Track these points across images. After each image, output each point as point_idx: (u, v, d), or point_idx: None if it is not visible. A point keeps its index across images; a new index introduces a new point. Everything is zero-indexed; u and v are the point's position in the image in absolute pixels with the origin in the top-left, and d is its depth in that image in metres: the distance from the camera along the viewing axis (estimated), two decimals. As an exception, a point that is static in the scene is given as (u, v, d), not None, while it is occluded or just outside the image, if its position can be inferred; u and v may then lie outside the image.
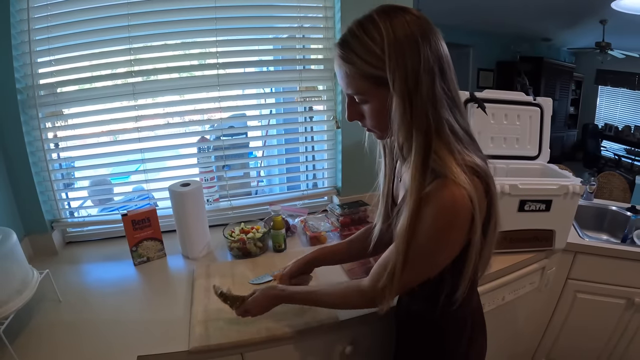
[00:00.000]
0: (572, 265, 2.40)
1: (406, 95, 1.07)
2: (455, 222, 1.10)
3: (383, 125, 1.19)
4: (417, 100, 1.07)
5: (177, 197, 2.06)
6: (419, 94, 1.07)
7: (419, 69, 1.06)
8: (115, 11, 2.09)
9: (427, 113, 1.08)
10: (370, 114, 1.19)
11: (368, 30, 1.09)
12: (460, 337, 1.42)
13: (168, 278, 2.03)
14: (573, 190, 1.99)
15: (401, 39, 1.06)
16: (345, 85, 1.18)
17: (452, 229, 1.11)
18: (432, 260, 1.19)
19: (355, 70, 1.12)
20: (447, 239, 1.13)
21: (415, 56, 1.06)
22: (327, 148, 2.67)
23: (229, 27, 2.27)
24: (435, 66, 1.09)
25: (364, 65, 1.09)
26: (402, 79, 1.06)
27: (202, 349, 1.48)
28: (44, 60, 2.09)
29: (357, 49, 1.10)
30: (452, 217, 1.09)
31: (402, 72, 1.06)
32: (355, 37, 1.11)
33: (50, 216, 2.28)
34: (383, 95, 1.11)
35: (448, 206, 1.08)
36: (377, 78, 1.09)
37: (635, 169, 7.68)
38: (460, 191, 1.07)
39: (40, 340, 1.58)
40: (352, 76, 1.14)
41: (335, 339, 1.68)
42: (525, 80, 7.76)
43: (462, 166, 1.10)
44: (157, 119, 2.32)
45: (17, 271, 1.56)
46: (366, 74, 1.11)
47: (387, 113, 1.13)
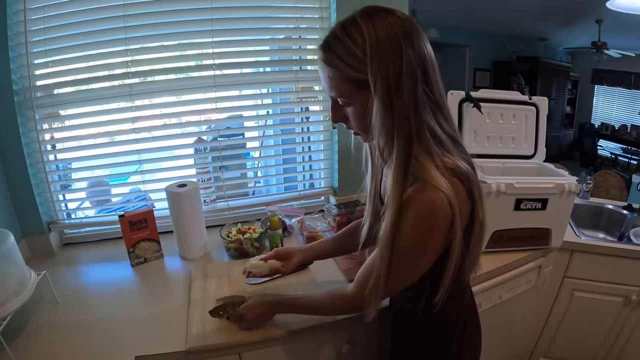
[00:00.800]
0: (568, 263, 2.40)
1: (387, 99, 1.07)
2: (433, 226, 1.10)
3: (367, 128, 1.18)
4: (398, 103, 1.07)
5: (174, 198, 2.06)
6: (400, 97, 1.07)
7: (401, 72, 1.06)
8: (111, 12, 2.09)
9: (409, 116, 1.08)
10: (354, 117, 1.19)
11: (350, 33, 1.08)
12: (450, 336, 1.42)
13: (165, 279, 2.04)
14: (569, 189, 2.00)
15: (383, 41, 1.05)
16: (329, 88, 1.18)
17: (431, 234, 1.11)
18: (413, 265, 1.19)
19: (337, 74, 1.12)
20: (426, 243, 1.14)
21: (397, 59, 1.05)
22: (324, 148, 2.68)
23: (225, 27, 2.27)
24: (417, 69, 1.08)
25: (347, 69, 1.09)
26: (384, 82, 1.06)
27: (200, 348, 1.48)
28: (41, 62, 2.08)
29: (339, 52, 1.10)
30: (430, 221, 1.09)
31: (383, 75, 1.05)
32: (337, 39, 1.11)
33: (48, 218, 2.27)
34: (366, 98, 1.11)
35: (426, 210, 1.08)
36: (360, 81, 1.09)
37: (631, 168, 7.70)
38: (439, 195, 1.06)
39: (37, 341, 1.58)
40: (334, 79, 1.13)
41: (332, 338, 1.69)
42: (520, 80, 7.77)
43: (441, 169, 1.10)
44: (154, 119, 2.32)
45: (14, 272, 1.56)
46: (348, 77, 1.10)
47: (369, 116, 1.13)
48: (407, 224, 1.11)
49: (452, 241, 1.13)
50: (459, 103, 2.22)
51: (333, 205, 2.45)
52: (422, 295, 1.30)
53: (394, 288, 1.25)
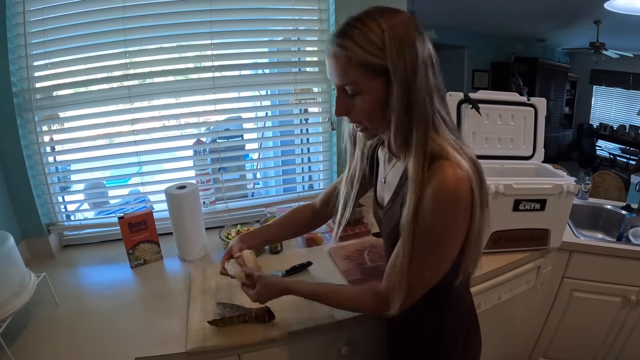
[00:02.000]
0: (567, 264, 2.40)
1: (406, 85, 1.08)
2: (459, 201, 1.10)
3: (375, 121, 1.20)
4: (416, 89, 1.09)
5: (173, 200, 2.06)
6: (417, 83, 1.09)
7: (417, 61, 1.08)
8: (111, 14, 2.09)
9: (425, 103, 1.11)
10: (362, 107, 1.18)
11: (367, 24, 1.10)
12: (455, 341, 1.43)
13: (165, 280, 2.04)
14: (567, 190, 2.00)
15: (400, 32, 1.08)
16: (338, 76, 1.17)
17: (457, 209, 1.11)
18: (444, 247, 1.17)
19: (353, 58, 1.11)
20: (455, 220, 1.13)
21: (412, 49, 1.08)
22: (323, 150, 2.68)
23: (224, 29, 2.28)
24: (428, 59, 1.12)
25: (363, 53, 1.09)
26: (403, 68, 1.07)
27: (200, 350, 1.49)
28: (40, 64, 2.09)
29: (356, 39, 1.10)
30: (455, 194, 1.09)
31: (402, 62, 1.07)
32: (354, 27, 1.11)
33: (47, 219, 2.28)
34: (376, 87, 1.13)
35: (451, 185, 1.08)
36: (375, 68, 1.10)
37: (630, 168, 7.71)
38: (461, 171, 1.09)
39: (37, 343, 1.58)
40: (348, 65, 1.12)
41: (331, 339, 1.68)
42: (519, 81, 7.79)
43: (459, 151, 1.13)
44: (153, 121, 2.32)
45: (14, 274, 1.56)
46: (364, 62, 1.10)
47: (379, 107, 1.15)
48: (431, 203, 1.10)
49: (471, 222, 1.14)
50: (458, 104, 2.23)
51: (332, 206, 2.45)
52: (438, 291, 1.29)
53: (430, 278, 1.22)
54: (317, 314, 1.63)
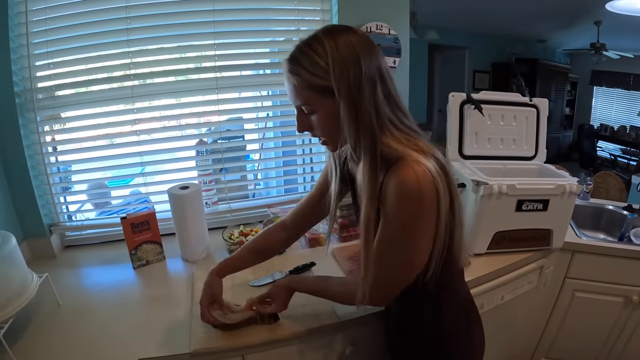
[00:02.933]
0: (570, 264, 2.40)
1: (351, 101, 1.15)
2: (421, 197, 1.13)
3: (332, 135, 1.28)
4: (361, 105, 1.16)
5: (176, 200, 2.06)
6: (362, 99, 1.15)
7: (361, 78, 1.15)
8: (113, 14, 2.09)
9: (371, 115, 1.17)
10: (319, 124, 1.26)
11: (313, 47, 1.17)
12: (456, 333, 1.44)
13: (168, 281, 2.04)
14: (570, 190, 2.00)
15: (343, 52, 1.14)
16: (294, 97, 1.25)
17: (421, 205, 1.14)
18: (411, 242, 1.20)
19: (302, 82, 1.19)
20: (418, 217, 1.16)
21: (356, 68, 1.14)
22: (325, 151, 2.66)
23: (227, 30, 2.28)
24: (375, 76, 1.18)
25: (311, 77, 1.17)
26: (346, 87, 1.14)
27: (204, 351, 1.48)
28: (42, 64, 2.09)
29: (304, 63, 1.17)
30: (418, 193, 1.12)
31: (345, 81, 1.14)
32: (302, 52, 1.19)
33: (49, 220, 2.27)
34: (329, 105, 1.19)
35: (411, 183, 1.12)
36: (323, 88, 1.17)
37: (630, 169, 7.71)
38: (420, 167, 1.12)
39: (39, 344, 1.57)
40: (299, 87, 1.20)
41: (335, 340, 1.68)
42: (521, 82, 7.79)
43: (415, 149, 1.18)
44: (155, 122, 2.32)
45: (16, 275, 1.56)
46: (312, 84, 1.17)
47: (334, 122, 1.21)
48: (394, 201, 1.15)
49: (439, 214, 1.17)
50: (460, 105, 2.23)
51: (335, 207, 2.45)
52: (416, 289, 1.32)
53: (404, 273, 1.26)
54: (320, 314, 1.63)
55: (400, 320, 1.50)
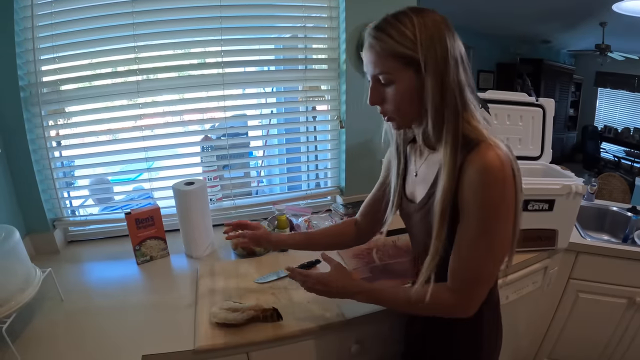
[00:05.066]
0: (574, 265, 2.40)
1: (438, 75, 1.14)
2: (506, 180, 1.11)
3: (403, 110, 1.24)
4: (447, 80, 1.14)
5: (181, 196, 2.06)
6: (448, 74, 1.14)
7: (447, 55, 1.14)
8: (120, 9, 2.09)
9: (455, 92, 1.16)
10: (394, 96, 1.22)
11: (401, 19, 1.16)
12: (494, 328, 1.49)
13: (172, 277, 2.04)
14: (576, 190, 1.99)
15: (431, 28, 1.14)
16: (373, 65, 1.22)
17: (505, 188, 1.12)
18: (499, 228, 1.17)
19: (386, 49, 1.17)
20: (504, 201, 1.14)
21: (443, 44, 1.14)
22: (331, 148, 2.68)
23: (234, 25, 2.27)
24: (458, 56, 1.17)
25: (396, 45, 1.15)
26: (434, 60, 1.13)
27: (208, 348, 1.48)
28: (48, 58, 2.08)
29: (390, 32, 1.16)
30: (502, 175, 1.11)
31: (433, 55, 1.13)
32: (389, 23, 1.18)
33: (52, 215, 2.27)
34: (408, 78, 1.17)
35: (496, 166, 1.10)
36: (407, 58, 1.15)
37: (634, 171, 7.70)
38: (502, 152, 1.12)
39: (42, 339, 1.57)
40: (382, 55, 1.18)
41: (341, 338, 1.68)
42: (527, 82, 7.78)
43: (494, 136, 1.18)
44: (161, 117, 2.31)
45: (19, 269, 1.55)
46: (397, 52, 1.16)
47: (409, 96, 1.20)
48: (479, 185, 1.12)
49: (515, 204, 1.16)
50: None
51: (340, 205, 2.46)
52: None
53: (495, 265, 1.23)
54: (326, 312, 1.62)
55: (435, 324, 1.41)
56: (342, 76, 2.48)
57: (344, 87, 2.46)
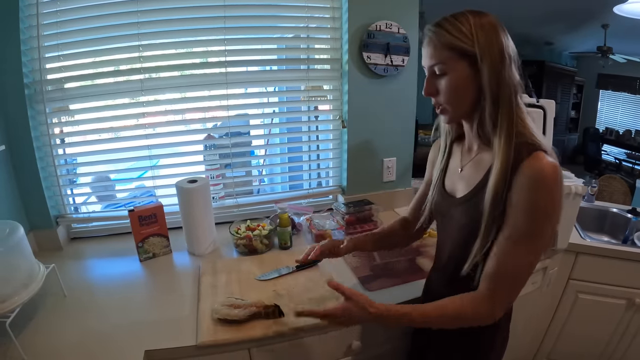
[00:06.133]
0: (573, 265, 2.41)
1: (494, 69, 1.17)
2: (557, 188, 1.13)
3: (456, 102, 1.27)
4: (503, 75, 1.18)
5: (184, 194, 2.07)
6: (504, 70, 1.18)
7: (503, 52, 1.18)
8: (124, 8, 2.10)
9: (510, 88, 1.19)
10: (447, 87, 1.24)
11: (459, 18, 1.21)
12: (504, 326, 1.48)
13: (174, 274, 2.04)
14: (575, 191, 2.00)
15: (487, 27, 1.18)
16: (429, 57, 1.26)
17: (556, 195, 1.13)
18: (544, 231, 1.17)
19: (443, 41, 1.21)
20: (554, 207, 1.15)
21: (498, 41, 1.18)
22: (333, 147, 2.69)
23: (237, 25, 2.28)
24: (512, 54, 1.21)
25: (452, 38, 1.19)
26: (490, 55, 1.17)
27: (210, 343, 1.49)
28: (52, 56, 2.09)
29: (447, 27, 1.20)
30: (555, 183, 1.12)
31: (489, 50, 1.17)
32: (447, 20, 1.22)
33: (56, 212, 2.28)
34: (463, 69, 1.21)
35: (551, 174, 1.11)
36: (463, 51, 1.19)
37: (635, 173, 7.68)
38: (555, 162, 1.13)
39: (45, 334, 1.58)
40: (439, 46, 1.22)
41: (342, 334, 1.69)
42: (528, 83, 7.78)
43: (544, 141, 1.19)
44: (164, 116, 2.32)
45: (23, 265, 1.56)
46: (453, 45, 1.19)
47: (463, 88, 1.23)
48: (533, 190, 1.13)
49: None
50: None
51: (342, 204, 2.46)
52: None
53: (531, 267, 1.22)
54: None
55: None
56: (344, 76, 2.49)
57: (347, 87, 2.48)
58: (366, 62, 2.41)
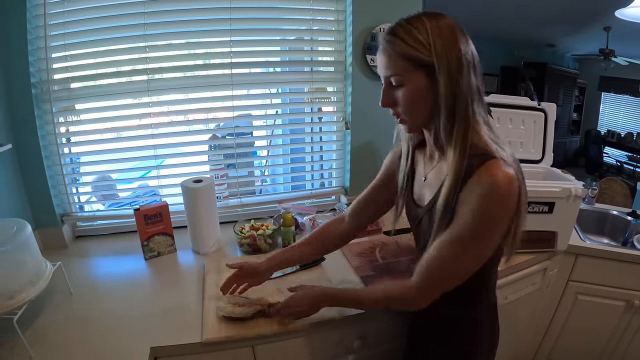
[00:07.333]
0: (573, 267, 2.42)
1: (452, 79, 1.14)
2: (508, 201, 1.13)
3: (414, 113, 1.24)
4: (460, 85, 1.15)
5: (189, 193, 2.09)
6: (461, 79, 1.15)
7: (460, 58, 1.15)
8: (131, 9, 2.12)
9: (467, 98, 1.16)
10: (404, 99, 1.22)
11: (414, 23, 1.16)
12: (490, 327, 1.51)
13: (179, 272, 2.07)
14: (575, 193, 2.01)
15: (445, 33, 1.15)
16: (385, 67, 1.22)
17: (504, 209, 1.14)
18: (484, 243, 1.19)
19: (398, 51, 1.17)
20: (499, 220, 1.15)
21: (457, 49, 1.15)
22: (336, 148, 2.71)
23: (243, 27, 2.30)
24: (471, 62, 1.18)
25: (407, 48, 1.16)
26: (447, 64, 1.14)
27: (215, 340, 1.51)
28: (59, 56, 2.11)
29: (402, 35, 1.16)
30: (506, 196, 1.12)
31: (446, 59, 1.14)
32: (402, 27, 1.18)
33: (61, 210, 2.30)
34: (419, 80, 1.18)
35: (504, 187, 1.11)
36: (419, 61, 1.15)
37: (636, 176, 7.70)
38: (511, 172, 1.13)
39: (52, 331, 1.60)
40: (394, 56, 1.19)
41: (344, 333, 1.70)
42: (530, 86, 7.78)
43: (503, 150, 1.19)
44: (170, 116, 2.34)
45: (30, 262, 1.58)
46: (408, 55, 1.16)
47: (420, 99, 1.20)
48: (481, 201, 1.13)
49: (515, 219, 1.18)
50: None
51: (344, 204, 2.48)
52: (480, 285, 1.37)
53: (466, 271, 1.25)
54: (330, 308, 1.63)
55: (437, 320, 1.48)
56: (348, 78, 2.50)
57: (350, 89, 2.49)
58: (370, 65, 2.43)
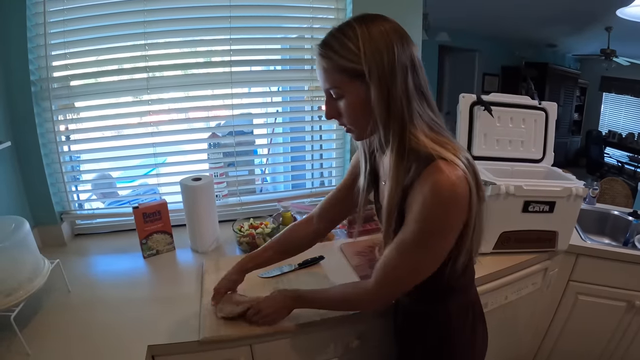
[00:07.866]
0: (574, 267, 2.41)
1: (383, 83, 1.14)
2: (455, 203, 1.13)
3: (358, 122, 1.25)
4: (393, 88, 1.14)
5: (188, 191, 2.09)
6: (394, 83, 1.14)
7: (394, 63, 1.13)
8: (131, 7, 2.12)
9: (402, 101, 1.15)
10: (346, 109, 1.23)
11: (345, 32, 1.16)
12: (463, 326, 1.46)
13: (177, 271, 2.06)
14: (576, 193, 2.01)
15: (376, 37, 1.13)
16: (323, 81, 1.24)
17: (451, 211, 1.14)
18: (434, 245, 1.19)
19: (332, 64, 1.18)
20: (445, 223, 1.15)
21: (389, 52, 1.13)
22: (336, 147, 2.70)
23: (243, 25, 2.29)
24: (407, 64, 1.16)
25: (340, 59, 1.16)
26: (378, 69, 1.13)
27: (213, 339, 1.51)
28: (59, 53, 2.11)
29: (334, 46, 1.17)
30: (452, 199, 1.11)
31: (376, 64, 1.13)
32: (333, 36, 1.19)
33: (60, 208, 2.30)
34: (357, 90, 1.18)
35: (447, 189, 1.10)
36: (352, 71, 1.15)
37: (637, 176, 7.70)
38: (456, 171, 1.11)
39: (49, 328, 1.60)
40: (329, 70, 1.19)
41: (342, 333, 1.70)
42: (531, 85, 7.79)
43: (447, 148, 1.17)
44: (170, 114, 2.34)
45: (28, 260, 1.57)
46: (342, 67, 1.16)
47: (361, 109, 1.20)
48: (426, 204, 1.13)
49: (468, 219, 1.17)
50: (470, 106, 2.24)
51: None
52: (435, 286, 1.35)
53: (420, 272, 1.25)
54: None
55: (410, 315, 1.52)
56: (348, 77, 2.48)
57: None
58: (369, 63, 2.41)
